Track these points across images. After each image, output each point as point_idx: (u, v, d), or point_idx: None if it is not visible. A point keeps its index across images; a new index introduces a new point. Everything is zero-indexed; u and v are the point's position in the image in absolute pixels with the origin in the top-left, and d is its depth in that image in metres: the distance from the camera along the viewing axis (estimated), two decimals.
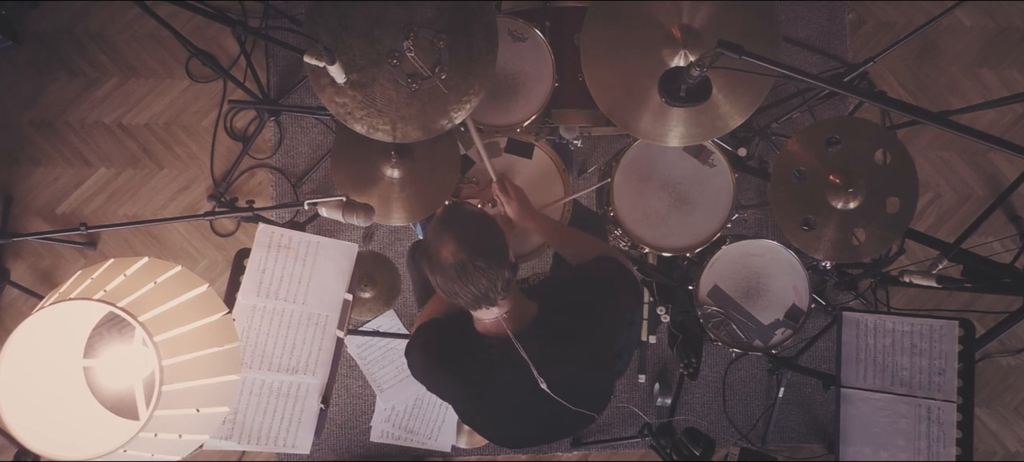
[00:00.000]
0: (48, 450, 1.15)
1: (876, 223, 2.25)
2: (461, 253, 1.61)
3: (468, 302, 1.68)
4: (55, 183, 3.34)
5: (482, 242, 1.65)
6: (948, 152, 3.50)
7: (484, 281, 1.62)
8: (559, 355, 1.76)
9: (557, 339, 1.76)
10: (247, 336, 2.09)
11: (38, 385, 1.20)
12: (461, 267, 1.61)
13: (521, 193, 2.22)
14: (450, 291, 1.66)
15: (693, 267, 2.53)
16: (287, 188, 3.33)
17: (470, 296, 1.65)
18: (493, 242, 1.67)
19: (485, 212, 1.79)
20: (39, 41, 3.35)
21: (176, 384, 1.13)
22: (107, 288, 1.15)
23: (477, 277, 1.61)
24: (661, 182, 2.50)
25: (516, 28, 2.43)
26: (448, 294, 1.68)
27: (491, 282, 1.63)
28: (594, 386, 1.90)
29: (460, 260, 1.61)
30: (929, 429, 2.20)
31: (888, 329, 2.27)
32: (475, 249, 1.62)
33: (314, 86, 2.02)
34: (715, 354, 3.33)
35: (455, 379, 1.83)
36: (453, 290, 1.65)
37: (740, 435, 3.24)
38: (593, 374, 1.89)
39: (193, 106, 3.38)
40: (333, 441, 3.28)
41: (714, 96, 1.95)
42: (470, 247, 1.62)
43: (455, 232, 1.64)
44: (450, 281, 1.64)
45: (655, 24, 2.08)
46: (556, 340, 1.76)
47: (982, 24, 3.54)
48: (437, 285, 1.69)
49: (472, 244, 1.63)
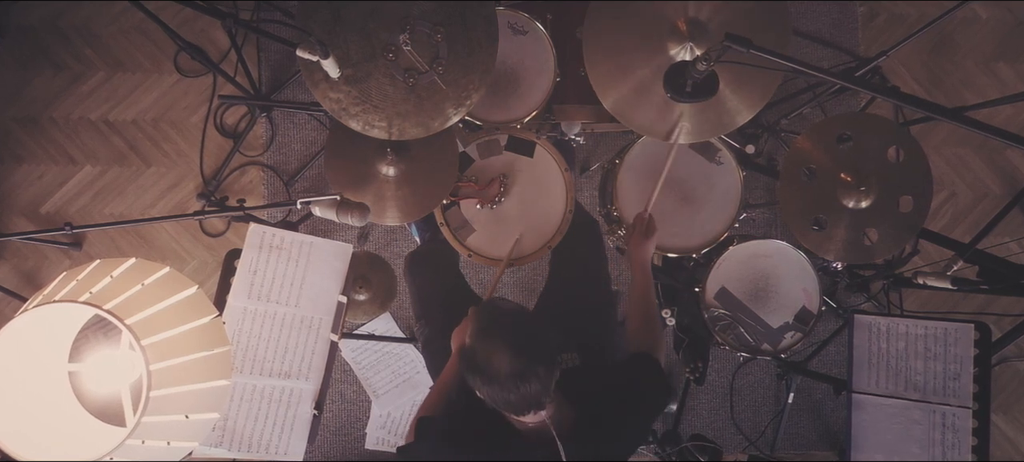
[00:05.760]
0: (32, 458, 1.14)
1: (889, 223, 2.24)
2: (517, 361, 1.55)
3: (518, 408, 1.62)
4: (39, 181, 3.33)
5: (535, 345, 1.60)
6: (963, 149, 3.47)
7: (538, 386, 1.57)
8: (590, 455, 1.73)
9: (597, 445, 1.73)
10: (238, 339, 2.08)
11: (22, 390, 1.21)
12: (520, 376, 1.55)
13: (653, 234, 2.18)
14: (499, 401, 1.61)
15: (699, 268, 2.52)
16: (279, 186, 3.32)
17: (523, 403, 1.60)
18: (544, 342, 1.62)
19: (523, 308, 1.76)
20: (23, 34, 3.33)
21: (164, 389, 1.13)
22: (93, 290, 1.15)
23: (534, 384, 1.56)
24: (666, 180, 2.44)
25: (516, 21, 2.44)
26: (496, 403, 1.62)
27: (545, 387, 1.59)
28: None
29: (517, 369, 1.55)
30: (944, 436, 2.18)
31: (901, 332, 2.26)
32: (532, 355, 1.57)
33: (307, 81, 2.01)
34: (722, 358, 3.31)
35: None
36: (505, 400, 1.60)
37: (748, 442, 3.22)
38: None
39: (182, 102, 3.36)
40: (327, 448, 3.26)
41: (721, 91, 1.96)
42: (527, 354, 1.57)
43: (505, 340, 1.59)
44: (506, 391, 1.58)
45: (660, 17, 2.07)
46: (596, 445, 1.73)
47: (998, 17, 3.50)
48: (487, 396, 1.62)
49: (527, 350, 1.58)
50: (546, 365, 1.57)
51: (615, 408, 1.79)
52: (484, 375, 1.59)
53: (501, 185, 2.30)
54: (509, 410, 1.64)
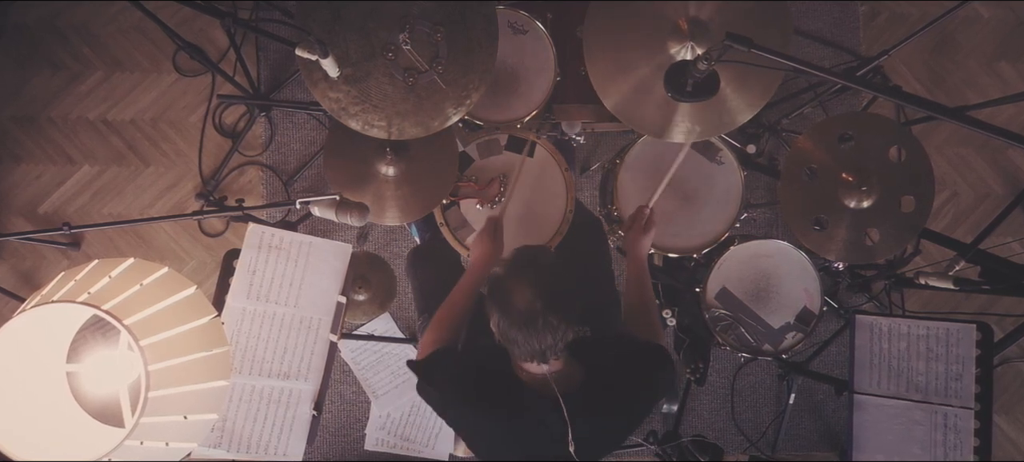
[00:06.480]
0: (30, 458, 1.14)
1: (890, 223, 2.24)
2: (535, 302, 1.56)
3: (521, 353, 1.63)
4: (37, 181, 3.32)
5: (559, 296, 1.59)
6: (965, 149, 3.47)
7: (549, 339, 1.58)
8: (595, 427, 1.74)
9: (599, 413, 1.74)
10: (237, 340, 2.07)
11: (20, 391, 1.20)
12: (530, 317, 1.56)
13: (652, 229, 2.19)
14: (508, 337, 1.61)
15: (700, 268, 2.52)
16: (278, 186, 3.31)
17: (528, 349, 1.60)
18: (569, 298, 1.62)
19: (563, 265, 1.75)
20: (21, 33, 3.33)
21: (163, 390, 1.13)
22: (91, 290, 1.15)
23: (544, 333, 1.57)
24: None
25: (516, 20, 2.43)
26: (503, 338, 1.63)
27: (555, 341, 1.59)
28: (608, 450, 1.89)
29: (533, 309, 1.56)
30: (945, 437, 2.17)
31: (903, 333, 2.25)
32: (551, 302, 1.57)
33: (307, 81, 2.00)
34: (723, 359, 3.30)
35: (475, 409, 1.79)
36: (511, 336, 1.60)
37: (749, 443, 3.21)
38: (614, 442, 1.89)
39: (180, 101, 3.35)
40: (326, 449, 3.25)
41: (722, 90, 1.97)
42: (547, 299, 1.57)
43: (533, 278, 1.59)
44: (513, 328, 1.58)
45: (661, 16, 2.06)
46: (598, 414, 1.74)
47: (1000, 16, 3.50)
48: (495, 325, 1.64)
49: (549, 296, 1.57)
50: (561, 319, 1.57)
51: (624, 383, 1.79)
52: (502, 305, 1.60)
53: (501, 185, 2.30)
54: (514, 350, 1.64)
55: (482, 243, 2.14)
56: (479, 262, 2.11)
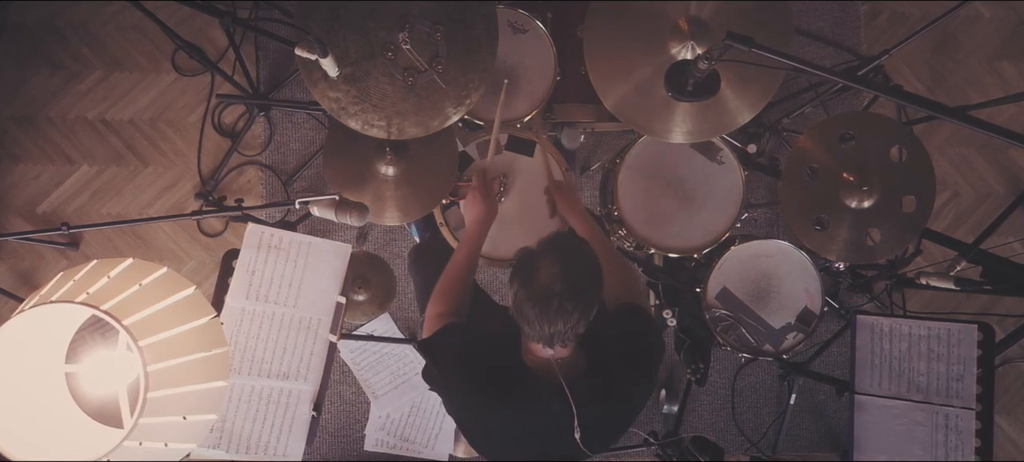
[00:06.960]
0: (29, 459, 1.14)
1: (891, 223, 2.23)
2: (557, 283, 1.55)
3: (532, 333, 1.62)
4: (36, 181, 3.31)
5: (582, 286, 1.59)
6: (967, 149, 3.47)
7: (561, 325, 1.57)
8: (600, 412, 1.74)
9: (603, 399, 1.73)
10: (236, 340, 2.06)
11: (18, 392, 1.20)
12: (547, 297, 1.55)
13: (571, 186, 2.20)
14: (521, 310, 1.60)
15: (700, 269, 2.51)
16: (278, 186, 3.31)
17: (537, 330, 1.59)
18: (592, 292, 1.61)
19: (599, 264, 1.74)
20: (19, 33, 3.32)
21: (162, 390, 1.13)
22: (90, 290, 1.15)
23: (556, 317, 1.56)
24: (667, 180, 2.49)
25: (516, 19, 2.43)
26: (516, 310, 1.62)
27: (566, 328, 1.58)
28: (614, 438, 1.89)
29: (552, 289, 1.55)
30: (947, 437, 2.16)
31: (904, 333, 2.24)
32: (573, 288, 1.56)
33: (306, 80, 2.00)
34: (723, 359, 3.30)
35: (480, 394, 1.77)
36: (525, 312, 1.59)
37: (750, 444, 3.21)
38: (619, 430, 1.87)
39: (180, 101, 3.35)
40: (325, 450, 3.25)
41: (722, 90, 1.97)
42: (569, 283, 1.56)
43: (564, 260, 1.58)
44: (529, 301, 1.57)
45: (661, 15, 2.07)
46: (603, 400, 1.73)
47: (1001, 15, 3.50)
48: (513, 293, 1.62)
49: (573, 282, 1.57)
50: (576, 307, 1.56)
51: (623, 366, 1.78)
52: (524, 276, 1.59)
53: (501, 185, 2.29)
54: (525, 325, 1.62)
55: (475, 203, 2.12)
56: (475, 223, 2.10)
